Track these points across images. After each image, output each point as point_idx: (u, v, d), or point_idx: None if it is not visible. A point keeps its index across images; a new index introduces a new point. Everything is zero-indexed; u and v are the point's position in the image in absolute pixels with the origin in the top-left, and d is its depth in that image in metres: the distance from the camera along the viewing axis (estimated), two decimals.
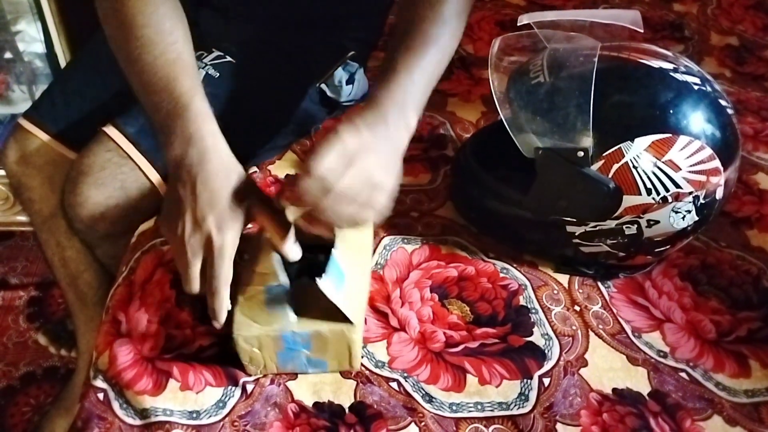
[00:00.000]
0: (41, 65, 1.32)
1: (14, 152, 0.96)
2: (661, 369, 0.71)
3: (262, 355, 0.64)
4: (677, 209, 0.71)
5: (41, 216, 0.98)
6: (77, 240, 0.98)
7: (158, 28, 0.69)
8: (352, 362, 0.67)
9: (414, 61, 0.69)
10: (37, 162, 0.95)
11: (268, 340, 0.63)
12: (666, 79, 0.70)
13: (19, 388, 1.29)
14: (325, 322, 0.63)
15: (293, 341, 0.63)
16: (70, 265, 1.00)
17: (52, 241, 0.99)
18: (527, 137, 0.72)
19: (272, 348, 0.64)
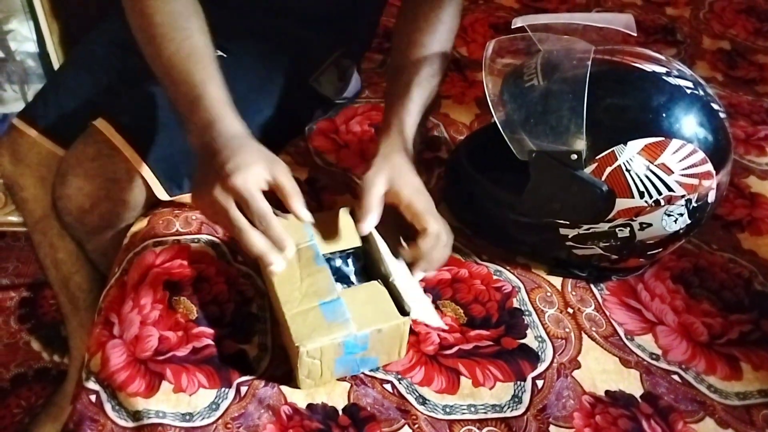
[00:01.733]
0: (34, 65, 1.31)
1: (8, 152, 0.96)
2: (654, 371, 0.71)
3: (321, 366, 0.64)
4: (670, 212, 0.71)
5: (34, 216, 0.98)
6: (69, 241, 0.98)
7: (173, 25, 0.72)
8: (400, 352, 0.68)
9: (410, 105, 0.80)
10: (31, 162, 0.95)
11: (330, 349, 0.63)
12: (659, 82, 0.71)
13: (10, 390, 1.27)
14: (381, 320, 0.64)
15: (353, 345, 0.63)
16: (62, 267, 1.00)
17: (44, 242, 0.99)
18: (521, 140, 0.72)
19: (332, 356, 0.64)
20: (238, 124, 0.69)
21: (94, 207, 0.84)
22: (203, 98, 0.69)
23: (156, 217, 0.85)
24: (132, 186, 0.84)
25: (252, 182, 0.63)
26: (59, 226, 0.96)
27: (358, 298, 0.66)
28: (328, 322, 0.63)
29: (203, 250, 0.80)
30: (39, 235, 0.98)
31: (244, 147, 0.66)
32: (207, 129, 0.68)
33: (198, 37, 0.73)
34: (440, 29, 0.85)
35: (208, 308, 0.73)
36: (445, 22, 0.85)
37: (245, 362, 0.68)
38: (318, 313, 0.63)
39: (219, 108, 0.69)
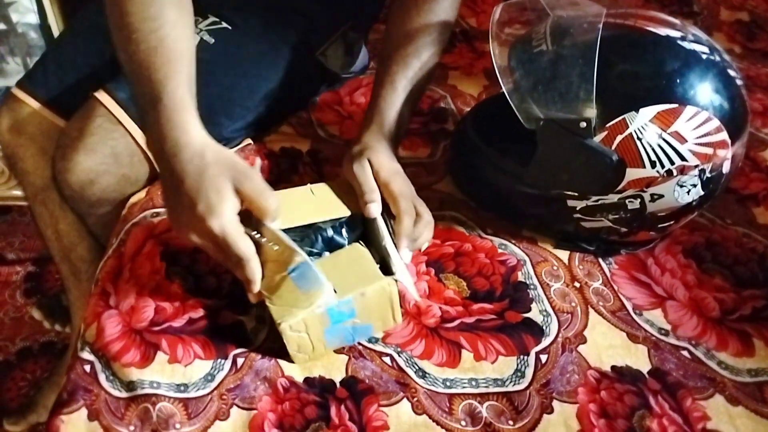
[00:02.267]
0: (35, 36, 1.29)
1: (7, 122, 0.94)
2: (662, 347, 0.69)
3: (309, 339, 0.62)
4: (682, 183, 0.68)
5: (34, 187, 0.96)
6: (70, 212, 0.96)
7: (143, 15, 0.66)
8: (395, 317, 0.66)
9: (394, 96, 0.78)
10: (30, 132, 0.93)
11: (314, 320, 0.61)
12: (673, 47, 0.68)
13: (16, 363, 1.28)
14: (364, 282, 0.62)
15: (338, 313, 0.62)
16: (64, 238, 0.99)
17: (45, 213, 0.98)
18: (528, 108, 0.69)
19: (319, 327, 0.62)
20: (195, 132, 0.63)
21: (94, 181, 0.83)
22: (161, 100, 0.63)
23: (155, 188, 0.84)
24: (133, 160, 0.82)
25: (227, 222, 0.59)
26: (60, 197, 0.94)
27: (340, 262, 0.64)
28: (302, 291, 0.60)
29: None
30: (40, 207, 0.97)
31: (205, 173, 0.60)
32: (164, 138, 0.62)
33: (169, 29, 0.66)
34: (433, 22, 0.81)
35: (205, 279, 0.71)
36: (439, 14, 0.82)
37: (242, 333, 0.67)
38: (290, 284, 0.60)
39: (177, 113, 0.63)
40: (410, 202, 0.69)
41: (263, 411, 0.61)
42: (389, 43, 0.82)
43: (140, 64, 0.65)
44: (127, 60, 0.67)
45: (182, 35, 0.68)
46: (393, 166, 0.73)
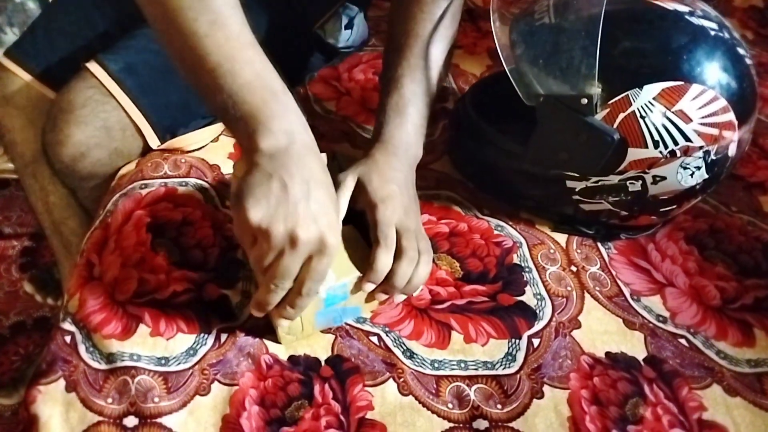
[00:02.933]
0: (33, 7, 1.28)
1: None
2: (660, 334, 0.67)
3: (301, 320, 0.61)
4: (686, 165, 0.66)
5: (24, 159, 0.95)
6: (61, 185, 0.95)
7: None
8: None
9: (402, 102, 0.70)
10: (19, 102, 0.91)
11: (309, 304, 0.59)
12: (680, 22, 0.65)
13: (9, 337, 1.27)
14: (359, 266, 0.60)
15: (333, 296, 0.60)
16: (54, 211, 0.97)
17: (35, 185, 0.96)
18: (529, 84, 0.67)
19: (312, 310, 0.60)
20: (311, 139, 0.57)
21: (85, 155, 0.81)
22: (275, 90, 0.56)
23: (144, 159, 0.82)
24: (125, 134, 0.80)
25: (333, 238, 0.52)
26: (50, 170, 0.93)
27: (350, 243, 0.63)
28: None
29: (190, 194, 0.76)
30: (30, 179, 0.96)
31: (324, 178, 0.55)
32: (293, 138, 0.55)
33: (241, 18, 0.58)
34: (438, 17, 0.74)
35: (191, 252, 0.70)
36: (444, 9, 0.75)
37: (227, 308, 0.65)
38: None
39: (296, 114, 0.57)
40: (390, 231, 0.60)
41: (245, 387, 0.59)
42: (392, 42, 0.74)
43: (204, 41, 0.55)
44: (187, 47, 0.55)
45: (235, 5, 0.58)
46: (386, 188, 0.63)
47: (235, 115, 0.55)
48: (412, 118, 0.70)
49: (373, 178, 0.64)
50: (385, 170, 0.65)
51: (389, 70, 0.73)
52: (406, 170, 0.68)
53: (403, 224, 0.62)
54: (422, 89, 0.72)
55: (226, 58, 0.55)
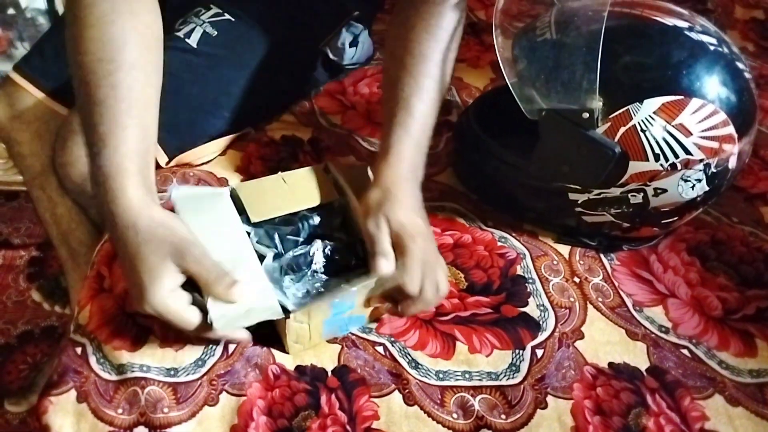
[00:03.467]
0: (43, 22, 1.30)
1: (4, 105, 0.94)
2: (662, 345, 0.67)
3: (309, 329, 0.62)
4: (687, 177, 0.67)
5: (32, 172, 0.96)
6: (68, 197, 0.96)
7: (99, 55, 0.60)
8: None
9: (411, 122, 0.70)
10: (27, 117, 0.93)
11: (317, 311, 0.60)
12: (680, 37, 0.66)
13: (17, 346, 1.29)
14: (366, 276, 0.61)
15: (341, 304, 0.61)
16: (62, 222, 0.99)
17: (43, 197, 0.97)
18: (531, 98, 0.68)
19: (320, 318, 0.61)
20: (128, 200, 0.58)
21: None
22: (99, 160, 0.59)
23: None
24: None
25: (159, 303, 0.55)
26: (58, 182, 0.94)
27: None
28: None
29: None
30: (38, 191, 0.97)
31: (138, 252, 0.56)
32: (100, 202, 0.59)
33: (124, 74, 0.60)
34: (441, 36, 0.74)
35: None
36: (446, 29, 0.74)
37: None
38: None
39: (111, 179, 0.58)
40: (419, 268, 0.61)
41: (252, 397, 0.60)
42: (395, 62, 0.74)
43: (90, 111, 0.60)
44: (81, 104, 0.61)
45: (139, 79, 0.62)
46: (414, 223, 0.63)
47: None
48: (421, 140, 0.70)
49: (398, 216, 0.63)
50: (405, 200, 0.65)
51: (395, 87, 0.72)
52: (418, 193, 0.68)
53: (430, 259, 0.62)
54: (429, 109, 0.72)
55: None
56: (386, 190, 0.65)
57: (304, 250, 0.64)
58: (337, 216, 0.69)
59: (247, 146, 0.86)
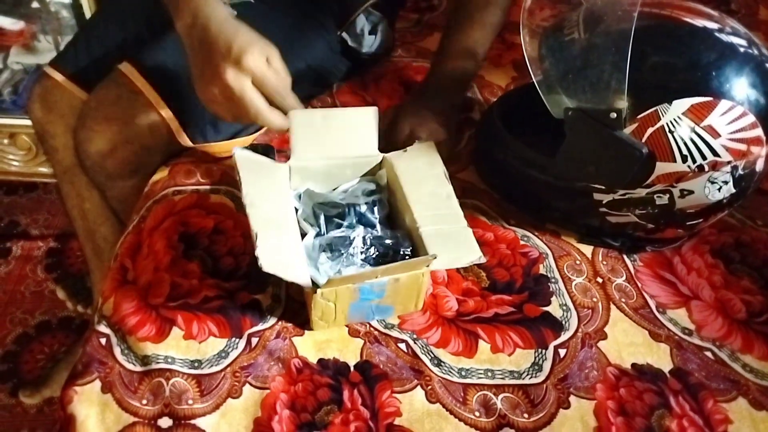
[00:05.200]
0: (67, 16, 1.31)
1: (39, 99, 0.95)
2: (685, 347, 0.67)
3: (335, 309, 0.62)
4: (713, 179, 0.66)
5: (63, 165, 0.97)
6: (96, 192, 0.97)
7: None
8: (417, 304, 0.66)
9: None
10: (61, 110, 0.94)
11: (345, 293, 0.61)
12: (710, 39, 0.66)
13: (34, 336, 1.30)
14: (400, 269, 0.62)
15: (369, 291, 0.62)
16: (89, 217, 1.00)
17: (72, 191, 0.99)
18: (557, 97, 0.68)
19: (347, 300, 0.62)
20: (225, 8, 0.70)
21: (113, 151, 0.83)
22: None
23: (177, 166, 0.84)
24: (153, 130, 0.82)
25: (262, 61, 0.65)
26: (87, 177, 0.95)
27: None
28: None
29: (222, 202, 0.78)
30: (67, 185, 0.98)
31: (240, 29, 0.67)
32: (197, 14, 0.68)
33: None
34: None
35: (223, 260, 0.71)
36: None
37: (258, 311, 0.67)
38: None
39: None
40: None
41: (276, 391, 0.60)
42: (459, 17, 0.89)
43: None
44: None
45: None
46: (432, 127, 0.82)
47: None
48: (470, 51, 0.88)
49: (421, 121, 0.82)
50: (428, 114, 0.83)
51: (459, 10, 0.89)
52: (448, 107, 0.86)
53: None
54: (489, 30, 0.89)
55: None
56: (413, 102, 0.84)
57: (344, 234, 0.66)
58: (384, 209, 0.71)
59: (271, 141, 0.87)
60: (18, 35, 1.38)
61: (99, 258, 1.04)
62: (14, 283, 1.39)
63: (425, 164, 0.73)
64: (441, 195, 0.70)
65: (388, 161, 0.74)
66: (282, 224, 0.66)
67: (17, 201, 1.58)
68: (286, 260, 0.62)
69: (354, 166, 0.74)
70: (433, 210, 0.68)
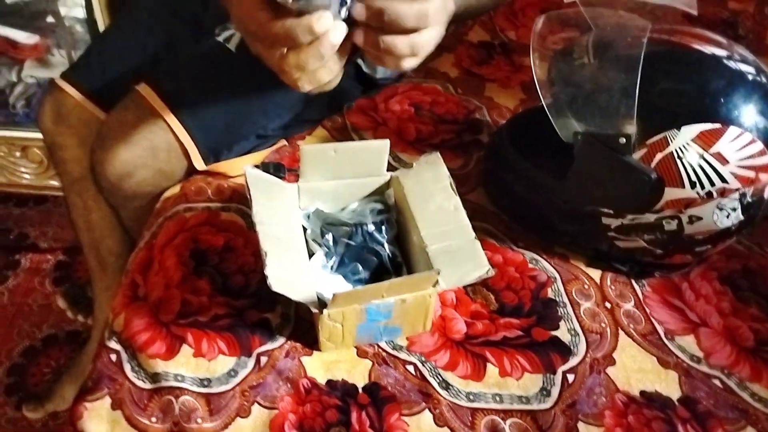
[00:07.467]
0: (81, 30, 1.33)
1: (50, 111, 0.96)
2: (694, 374, 0.67)
3: (342, 330, 0.63)
4: (722, 206, 0.67)
5: (71, 177, 0.98)
6: (104, 204, 0.98)
7: None
8: (426, 325, 0.66)
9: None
10: (71, 121, 0.95)
11: (352, 314, 0.61)
12: (718, 66, 0.66)
13: (41, 349, 1.30)
14: (407, 289, 0.62)
15: (376, 312, 0.62)
16: (95, 229, 1.01)
17: (79, 203, 0.99)
18: (567, 121, 0.69)
19: (354, 321, 0.62)
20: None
21: (132, 174, 0.84)
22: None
23: (189, 183, 0.85)
24: (171, 155, 0.83)
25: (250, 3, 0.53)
26: (96, 189, 0.96)
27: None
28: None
29: (233, 219, 0.79)
30: (75, 196, 0.99)
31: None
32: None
33: None
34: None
35: (233, 278, 0.72)
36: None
37: (267, 330, 0.67)
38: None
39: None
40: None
41: (284, 411, 0.61)
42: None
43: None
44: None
45: None
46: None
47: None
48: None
49: None
50: None
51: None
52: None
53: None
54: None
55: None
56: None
57: (352, 253, 0.67)
58: (392, 229, 0.71)
59: (281, 159, 0.87)
60: (32, 49, 1.40)
61: (102, 269, 1.05)
62: (22, 295, 1.40)
63: (431, 179, 0.73)
64: (448, 209, 0.70)
65: (396, 179, 0.74)
66: (290, 244, 0.67)
67: (27, 213, 1.59)
68: (295, 280, 0.62)
69: (362, 185, 0.75)
70: (441, 226, 0.69)
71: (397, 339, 0.66)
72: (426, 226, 0.68)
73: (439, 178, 0.73)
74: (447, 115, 0.99)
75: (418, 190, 0.72)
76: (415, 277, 0.64)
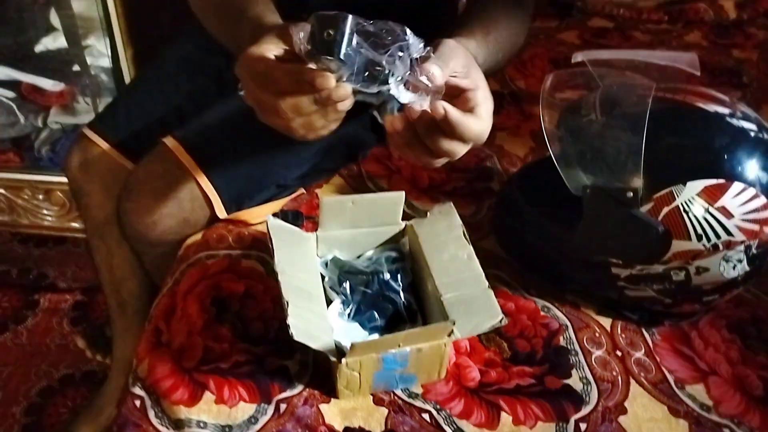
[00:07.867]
0: (106, 79, 1.38)
1: (77, 159, 1.01)
2: (704, 423, 0.68)
3: (359, 378, 0.65)
4: (728, 258, 0.69)
5: (95, 222, 1.02)
6: (127, 248, 1.01)
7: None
8: (441, 373, 0.68)
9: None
10: (97, 169, 0.99)
11: (369, 362, 0.63)
12: (721, 124, 0.69)
13: (58, 389, 1.32)
14: (423, 338, 0.64)
15: (392, 360, 0.64)
16: (116, 272, 1.03)
17: (102, 247, 1.03)
18: (576, 174, 0.71)
19: (371, 369, 0.64)
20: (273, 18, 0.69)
21: (157, 223, 0.87)
22: (244, 18, 0.68)
23: (210, 231, 0.88)
24: (195, 205, 0.87)
25: (264, 48, 0.59)
26: (118, 233, 0.99)
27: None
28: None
29: (253, 267, 0.81)
30: (97, 240, 1.02)
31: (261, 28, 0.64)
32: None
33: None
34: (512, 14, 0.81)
35: (253, 324, 0.74)
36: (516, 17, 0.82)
37: (286, 377, 0.69)
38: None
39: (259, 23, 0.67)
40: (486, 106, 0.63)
41: None
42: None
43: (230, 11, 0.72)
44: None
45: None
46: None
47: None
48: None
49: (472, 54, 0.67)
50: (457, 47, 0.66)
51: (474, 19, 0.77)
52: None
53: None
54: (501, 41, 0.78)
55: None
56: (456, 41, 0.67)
57: (368, 301, 0.70)
58: (407, 277, 0.74)
59: (299, 206, 0.90)
60: (58, 96, 1.45)
61: (122, 310, 1.07)
62: (40, 335, 1.42)
63: (445, 228, 0.76)
64: (462, 258, 0.73)
65: (411, 228, 0.77)
66: (310, 292, 0.69)
67: (47, 253, 1.63)
68: (314, 328, 0.64)
69: (378, 234, 0.77)
70: (455, 275, 0.71)
71: (412, 387, 0.68)
72: (440, 275, 0.71)
73: (452, 228, 0.76)
74: (458, 163, 1.00)
75: (432, 240, 0.75)
76: (431, 327, 0.66)
